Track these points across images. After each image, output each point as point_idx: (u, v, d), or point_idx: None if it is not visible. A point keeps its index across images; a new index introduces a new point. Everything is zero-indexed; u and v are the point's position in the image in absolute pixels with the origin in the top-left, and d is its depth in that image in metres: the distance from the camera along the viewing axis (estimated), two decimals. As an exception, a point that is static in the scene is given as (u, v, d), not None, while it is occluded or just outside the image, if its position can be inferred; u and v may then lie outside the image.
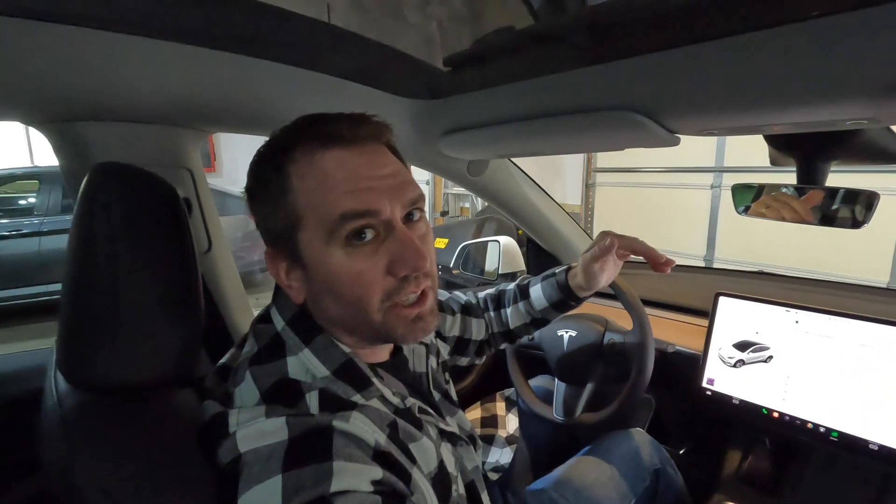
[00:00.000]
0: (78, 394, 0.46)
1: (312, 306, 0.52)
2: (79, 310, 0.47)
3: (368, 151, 0.49)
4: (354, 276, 0.47)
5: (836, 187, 0.75)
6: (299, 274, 0.50)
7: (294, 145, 0.48)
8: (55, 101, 0.65)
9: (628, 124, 0.66)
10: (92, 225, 0.47)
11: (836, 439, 0.82)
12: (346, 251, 0.47)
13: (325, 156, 0.47)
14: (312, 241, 0.47)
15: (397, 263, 0.47)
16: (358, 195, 0.46)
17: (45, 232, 4.02)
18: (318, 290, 0.49)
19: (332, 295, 0.49)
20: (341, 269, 0.47)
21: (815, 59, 0.46)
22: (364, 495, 0.40)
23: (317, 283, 0.49)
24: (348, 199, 0.46)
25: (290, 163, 0.48)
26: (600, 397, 1.04)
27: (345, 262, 0.47)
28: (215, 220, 0.90)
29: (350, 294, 0.48)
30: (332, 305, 0.49)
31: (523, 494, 0.89)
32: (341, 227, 0.46)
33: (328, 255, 0.47)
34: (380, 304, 0.48)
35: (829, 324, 0.85)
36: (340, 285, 0.47)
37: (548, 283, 0.83)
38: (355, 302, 0.48)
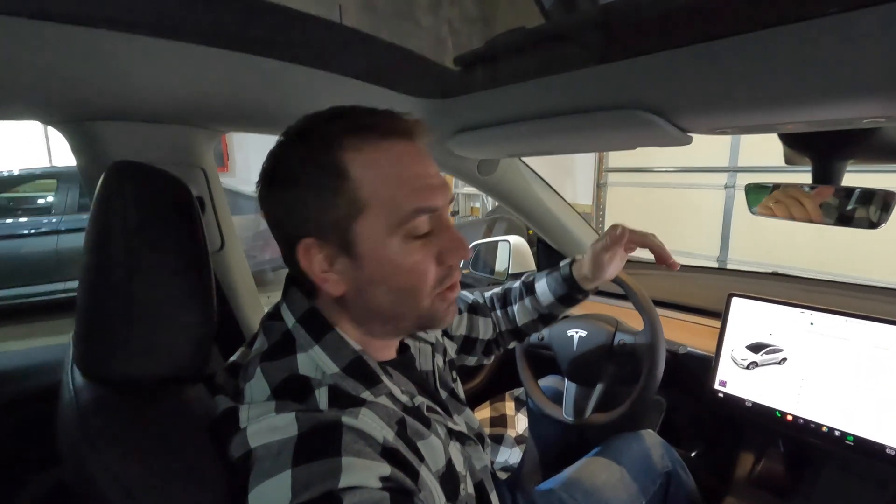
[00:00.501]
0: (94, 388, 0.47)
1: (355, 296, 0.51)
2: (95, 306, 0.48)
3: (422, 148, 0.51)
4: (412, 266, 0.49)
5: (852, 187, 0.74)
6: (345, 264, 0.49)
7: (349, 133, 0.47)
8: (73, 101, 0.66)
9: (640, 123, 0.66)
10: (108, 223, 0.48)
11: (851, 443, 0.81)
12: (405, 242, 0.48)
13: (392, 147, 0.48)
14: (373, 231, 0.47)
15: (451, 254, 0.51)
16: (428, 191, 0.49)
17: (63, 230, 4.09)
18: (367, 280, 0.49)
19: (384, 284, 0.49)
20: (400, 260, 0.49)
21: (832, 55, 0.45)
22: (372, 491, 0.40)
23: (368, 272, 0.49)
24: (421, 195, 0.48)
25: (346, 151, 0.47)
26: (610, 398, 1.03)
27: (404, 252, 0.49)
28: (228, 219, 0.91)
29: (405, 283, 0.50)
30: (382, 295, 0.50)
31: (532, 494, 0.89)
32: (410, 221, 0.48)
33: (388, 245, 0.48)
34: (431, 291, 0.51)
35: (845, 326, 0.84)
36: (397, 275, 0.49)
37: (552, 277, 0.83)
38: (409, 290, 0.50)
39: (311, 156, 0.48)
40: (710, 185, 4.27)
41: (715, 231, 4.31)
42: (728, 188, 4.18)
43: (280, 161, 0.50)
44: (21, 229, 4.06)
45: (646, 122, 0.65)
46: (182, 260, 0.52)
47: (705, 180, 4.30)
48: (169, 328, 0.50)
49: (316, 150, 0.48)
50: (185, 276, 0.52)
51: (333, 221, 0.48)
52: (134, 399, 0.48)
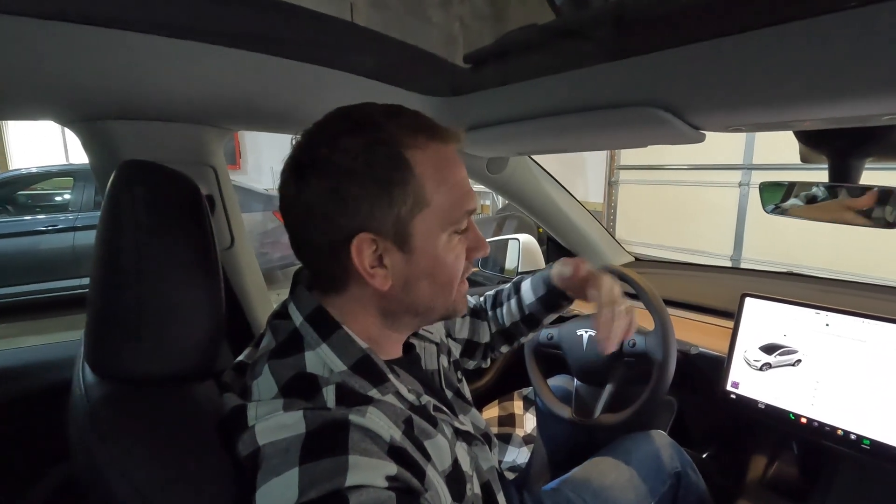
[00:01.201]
0: (104, 385, 0.48)
1: (401, 289, 0.52)
2: (105, 303, 0.48)
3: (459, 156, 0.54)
4: (453, 260, 0.53)
5: (869, 185, 0.73)
6: (397, 259, 0.50)
7: (410, 133, 0.49)
8: (85, 100, 0.67)
9: (651, 121, 0.65)
10: (118, 221, 0.48)
11: (867, 447, 0.79)
12: (451, 239, 0.53)
13: (445, 150, 0.51)
14: (429, 227, 0.50)
15: (478, 250, 0.56)
16: (471, 195, 0.54)
17: (80, 227, 4.15)
18: (416, 274, 0.52)
19: (429, 278, 0.53)
20: (446, 254, 0.52)
21: (850, 51, 0.44)
22: (378, 491, 0.40)
23: (418, 267, 0.51)
24: (469, 197, 0.53)
25: (412, 148, 0.48)
26: (620, 398, 1.02)
27: (450, 248, 0.53)
28: (238, 217, 0.92)
29: (448, 275, 0.54)
30: (426, 287, 0.53)
31: (540, 494, 0.89)
32: (461, 220, 0.53)
33: (439, 241, 0.52)
34: (459, 283, 0.56)
35: (862, 327, 0.82)
36: (443, 268, 0.53)
37: (538, 276, 0.83)
38: (448, 282, 0.54)
39: (375, 149, 0.47)
40: (724, 182, 4.21)
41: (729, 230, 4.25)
42: (742, 186, 4.12)
43: (335, 152, 0.47)
44: (39, 226, 4.13)
45: (658, 119, 0.64)
46: (191, 258, 0.52)
47: (719, 178, 4.24)
48: (178, 326, 0.50)
49: (381, 144, 0.47)
50: (195, 274, 0.52)
51: (396, 216, 0.48)
52: (143, 396, 0.48)
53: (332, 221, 0.48)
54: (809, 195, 0.81)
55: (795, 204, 0.84)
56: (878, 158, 0.72)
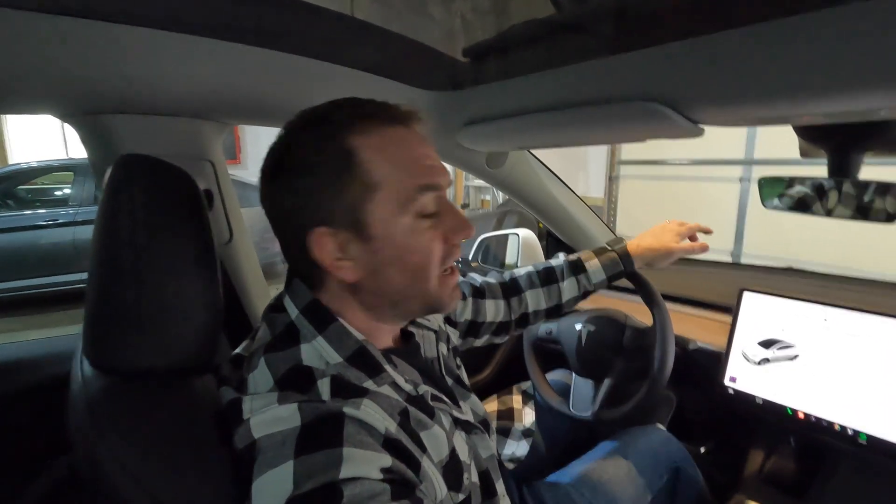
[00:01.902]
0: (102, 378, 0.48)
1: (369, 280, 0.52)
2: (103, 297, 0.49)
3: (419, 134, 0.53)
4: (423, 245, 0.51)
5: (868, 180, 0.72)
6: (359, 249, 0.50)
7: (359, 121, 0.50)
8: (83, 94, 0.67)
9: (649, 115, 0.64)
10: (115, 215, 0.48)
11: (864, 443, 0.79)
12: (415, 222, 0.51)
13: (395, 131, 0.51)
14: (384, 211, 0.49)
15: (458, 232, 0.53)
16: (430, 170, 0.52)
17: (80, 222, 4.16)
18: (381, 262, 0.51)
19: (397, 264, 0.51)
20: (411, 238, 0.50)
21: (849, 44, 0.44)
22: (373, 483, 0.41)
23: (382, 254, 0.50)
24: (424, 174, 0.51)
25: (356, 137, 0.49)
26: (618, 393, 1.03)
27: (415, 230, 0.51)
28: (237, 212, 0.92)
29: (417, 262, 0.51)
30: (396, 276, 0.51)
31: (539, 487, 0.89)
32: (416, 198, 0.50)
33: (399, 224, 0.50)
34: (437, 271, 0.53)
35: (860, 322, 0.82)
36: (409, 254, 0.51)
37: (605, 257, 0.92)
38: (420, 269, 0.52)
39: (321, 143, 0.49)
40: (724, 177, 4.21)
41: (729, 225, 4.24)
42: (743, 181, 4.11)
43: (288, 151, 0.51)
44: (40, 220, 4.14)
45: (656, 113, 0.64)
46: (188, 252, 0.52)
47: (720, 173, 4.23)
48: (176, 319, 0.50)
49: (325, 138, 0.49)
50: (192, 268, 0.52)
51: (347, 205, 0.49)
52: (142, 389, 0.48)
53: (292, 219, 0.51)
54: (808, 190, 0.81)
55: (794, 199, 0.83)
56: (877, 153, 0.72)
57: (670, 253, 0.93)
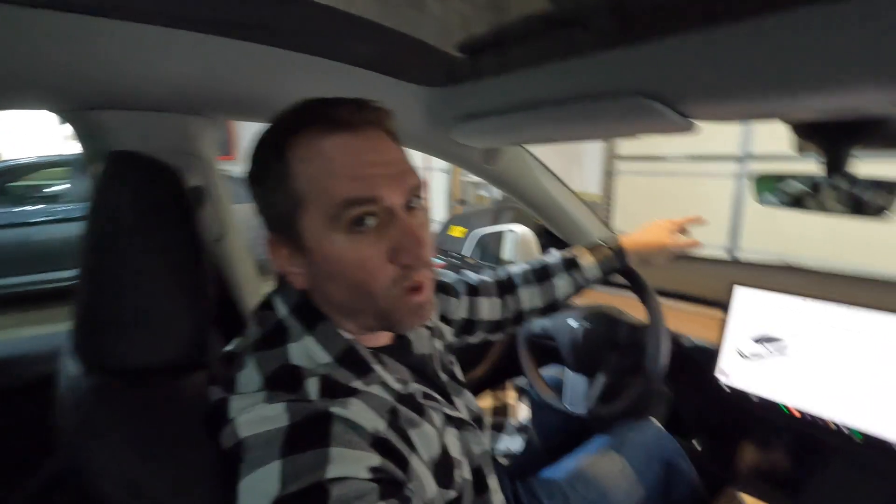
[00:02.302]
0: (90, 377, 0.48)
1: (315, 292, 0.52)
2: (92, 295, 0.48)
3: (370, 137, 0.49)
4: (357, 262, 0.47)
5: (861, 176, 0.72)
6: (301, 259, 0.50)
7: (296, 129, 0.48)
8: (75, 89, 0.66)
9: (642, 110, 0.64)
10: (104, 213, 0.48)
11: (860, 441, 0.79)
12: (348, 237, 0.47)
13: (327, 140, 0.47)
14: (314, 225, 0.47)
15: (399, 252, 0.48)
16: (361, 181, 0.46)
17: (76, 218, 4.13)
18: (320, 276, 0.49)
19: (334, 280, 0.49)
20: (344, 255, 0.47)
21: (842, 40, 0.44)
22: (361, 482, 0.40)
23: (319, 268, 0.49)
24: (351, 185, 0.46)
25: (291, 146, 0.48)
26: (613, 389, 1.03)
27: (347, 247, 0.47)
28: (228, 208, 0.91)
29: (353, 279, 0.48)
30: (336, 291, 0.50)
31: (532, 482, 0.89)
32: (344, 213, 0.46)
33: (330, 240, 0.47)
34: (386, 290, 0.48)
35: (854, 318, 0.82)
36: (343, 270, 0.48)
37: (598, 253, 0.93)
38: (358, 286, 0.48)
39: (265, 153, 0.50)
40: (721, 173, 4.21)
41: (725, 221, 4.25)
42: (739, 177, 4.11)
43: (249, 156, 0.51)
44: (33, 217, 4.11)
45: (648, 109, 0.64)
46: (177, 249, 0.52)
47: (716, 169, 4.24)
48: (164, 317, 0.50)
49: (268, 147, 0.50)
50: (181, 266, 0.52)
51: (281, 216, 0.49)
52: (130, 388, 0.48)
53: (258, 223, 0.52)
54: (802, 186, 0.81)
55: (789, 195, 0.84)
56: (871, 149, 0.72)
57: (663, 248, 0.94)
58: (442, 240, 3.37)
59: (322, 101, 0.49)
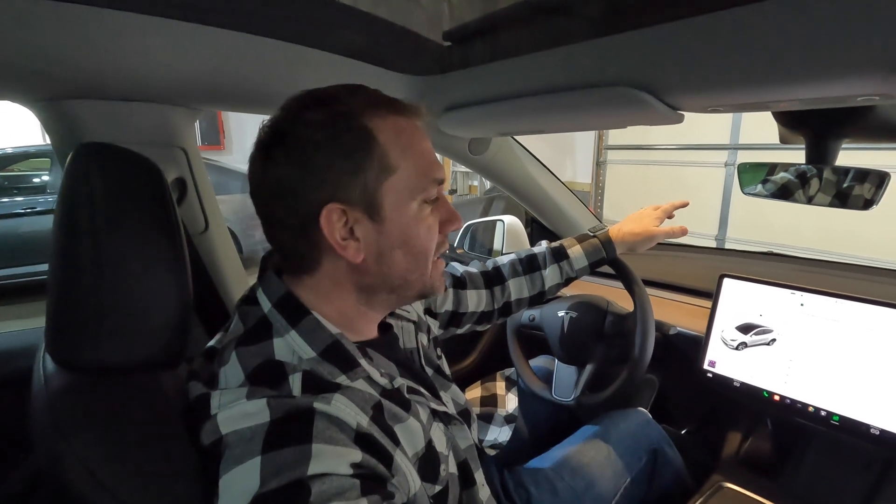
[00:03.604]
0: (65, 374, 0.46)
1: (375, 261, 0.52)
2: (63, 291, 0.47)
3: (422, 130, 0.55)
4: (426, 230, 0.54)
5: (846, 167, 0.73)
6: (368, 229, 0.50)
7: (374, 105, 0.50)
8: (45, 79, 0.64)
9: (629, 101, 0.64)
10: (74, 206, 0.47)
11: (837, 423, 0.81)
12: (421, 208, 0.53)
13: (405, 122, 0.52)
14: (399, 194, 0.51)
15: (451, 223, 0.57)
16: (436, 163, 0.54)
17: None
18: (388, 245, 0.52)
19: (403, 248, 0.53)
20: (419, 223, 0.53)
21: (825, 31, 0.43)
22: (342, 479, 0.40)
23: (392, 235, 0.51)
24: (435, 166, 0.54)
25: (373, 118, 0.49)
26: (600, 378, 1.04)
27: (422, 217, 0.53)
28: (212, 200, 0.90)
29: (421, 246, 0.54)
30: (401, 258, 0.53)
31: (520, 472, 0.90)
32: (429, 189, 0.53)
33: (409, 209, 0.52)
34: (434, 257, 0.56)
35: (836, 307, 0.83)
36: (415, 237, 0.53)
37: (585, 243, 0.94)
38: (422, 254, 0.54)
39: (339, 121, 0.48)
40: (710, 162, 4.24)
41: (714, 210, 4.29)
42: (728, 166, 4.14)
43: (294, 127, 0.48)
44: (17, 208, 4.04)
45: (636, 99, 0.63)
46: (153, 243, 0.50)
47: (705, 158, 4.26)
48: (141, 313, 0.49)
49: (344, 116, 0.49)
50: (157, 261, 0.51)
51: (363, 185, 0.49)
52: (106, 386, 0.47)
53: (300, 195, 0.48)
54: (788, 176, 0.81)
55: (775, 185, 0.84)
56: (854, 139, 0.72)
57: (651, 237, 0.94)
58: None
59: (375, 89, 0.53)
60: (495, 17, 0.75)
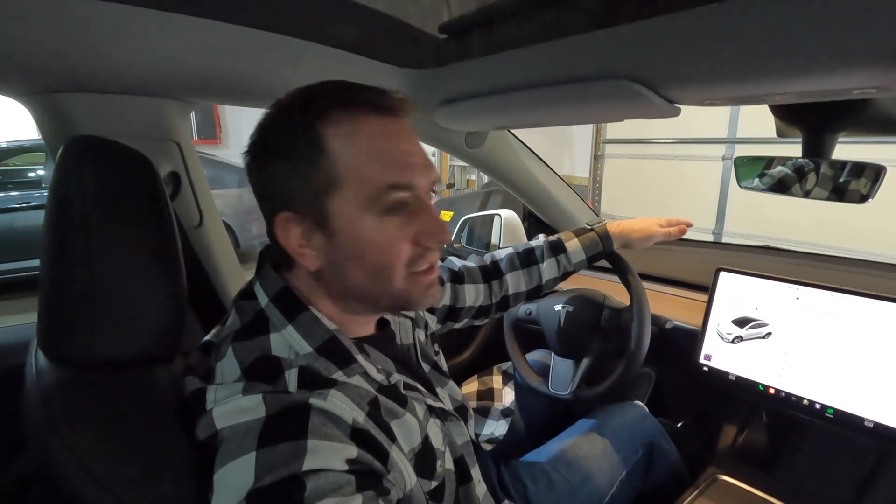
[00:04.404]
0: (57, 370, 0.46)
1: (330, 272, 0.51)
2: (55, 285, 0.47)
3: (405, 126, 0.51)
4: (385, 244, 0.49)
5: (843, 160, 0.73)
6: (321, 239, 0.49)
7: (333, 106, 0.48)
8: (34, 71, 0.63)
9: (625, 94, 0.63)
10: (65, 200, 0.46)
11: (831, 416, 0.81)
12: (380, 219, 0.48)
13: (372, 122, 0.48)
14: (347, 206, 0.47)
15: (427, 236, 0.50)
16: (404, 168, 0.48)
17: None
18: (342, 257, 0.49)
19: (358, 261, 0.49)
20: (374, 237, 0.48)
21: (822, 23, 0.43)
22: (337, 474, 0.40)
23: (343, 249, 0.49)
24: (395, 171, 0.48)
25: (326, 124, 0.47)
26: (597, 372, 1.04)
27: (378, 229, 0.48)
28: (206, 194, 0.89)
29: (378, 261, 0.49)
30: (356, 272, 0.50)
31: (516, 466, 0.90)
32: (384, 197, 0.47)
33: (362, 221, 0.48)
34: (403, 271, 0.50)
35: (831, 300, 0.83)
36: (370, 252, 0.49)
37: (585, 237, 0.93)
38: (381, 269, 0.50)
39: (293, 128, 0.48)
40: (707, 156, 4.24)
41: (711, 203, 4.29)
42: (726, 160, 4.14)
43: (265, 133, 0.50)
44: (12, 203, 4.01)
45: (632, 93, 0.63)
46: (145, 237, 0.50)
47: (703, 152, 4.26)
48: (133, 308, 0.49)
49: (297, 123, 0.48)
50: (150, 255, 0.50)
51: (310, 195, 0.47)
52: (99, 381, 0.47)
53: (265, 201, 0.50)
54: (784, 170, 0.81)
55: (772, 179, 0.84)
56: (851, 132, 0.72)
57: (650, 235, 0.95)
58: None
59: (350, 84, 0.50)
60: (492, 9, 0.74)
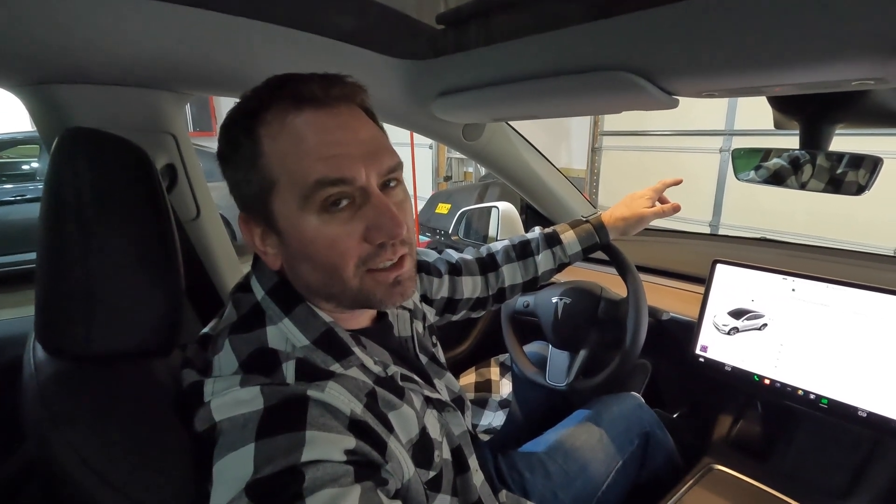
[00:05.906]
0: (55, 363, 0.46)
1: (289, 272, 0.51)
2: (51, 278, 0.47)
3: (343, 114, 0.48)
4: (329, 243, 0.46)
5: (841, 152, 0.73)
6: (274, 240, 0.49)
7: (266, 107, 0.46)
8: (28, 62, 0.63)
9: (624, 85, 0.63)
10: (61, 192, 0.46)
11: (825, 406, 0.82)
12: (320, 217, 0.46)
13: (297, 118, 0.46)
14: (286, 206, 0.46)
15: (374, 231, 0.47)
16: (333, 161, 0.45)
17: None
18: (293, 256, 0.49)
19: (307, 261, 0.48)
20: (316, 236, 0.46)
21: (820, 15, 0.43)
22: (336, 465, 0.40)
23: (292, 248, 0.48)
24: (323, 165, 0.45)
25: (261, 125, 0.46)
26: (594, 363, 1.05)
27: (319, 228, 0.46)
28: (203, 186, 0.89)
29: (325, 260, 0.47)
30: (309, 272, 0.49)
31: (513, 456, 0.91)
32: (316, 194, 0.45)
33: (303, 220, 0.46)
34: (355, 270, 0.48)
35: (826, 292, 0.84)
36: (315, 251, 0.47)
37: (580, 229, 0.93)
38: (331, 268, 0.47)
39: (234, 131, 0.48)
40: (705, 148, 4.23)
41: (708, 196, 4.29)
42: (723, 152, 4.14)
43: (220, 138, 0.50)
44: (7, 196, 3.99)
45: (631, 84, 0.63)
46: (142, 229, 0.50)
47: (700, 144, 4.25)
48: (131, 300, 0.49)
49: (237, 125, 0.48)
50: (146, 248, 0.50)
51: (256, 198, 0.47)
52: (96, 374, 0.47)
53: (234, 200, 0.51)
54: (781, 162, 0.81)
55: (769, 171, 0.84)
56: (848, 124, 0.72)
57: (642, 218, 0.94)
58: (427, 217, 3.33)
59: (292, 77, 0.47)
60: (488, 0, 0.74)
